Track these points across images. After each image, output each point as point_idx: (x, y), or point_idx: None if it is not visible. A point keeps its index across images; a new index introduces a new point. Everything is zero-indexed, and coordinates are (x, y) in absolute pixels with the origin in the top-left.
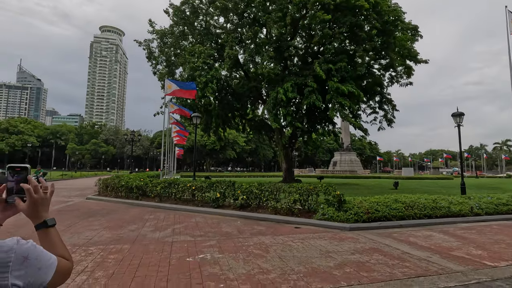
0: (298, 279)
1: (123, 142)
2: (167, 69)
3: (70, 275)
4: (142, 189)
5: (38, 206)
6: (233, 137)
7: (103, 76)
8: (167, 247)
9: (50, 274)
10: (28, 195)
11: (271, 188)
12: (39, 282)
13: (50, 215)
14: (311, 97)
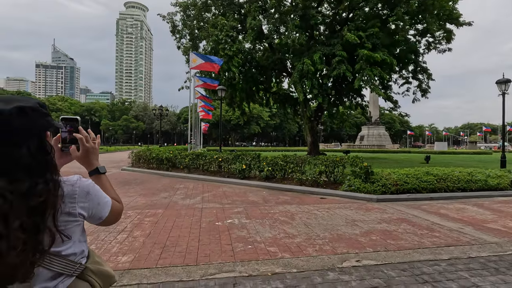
0: (323, 244)
1: (152, 118)
2: (191, 43)
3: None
4: (172, 161)
5: (90, 154)
6: (257, 112)
7: (130, 54)
8: (197, 212)
9: (106, 210)
10: (81, 144)
11: (296, 160)
12: (98, 216)
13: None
14: (340, 68)
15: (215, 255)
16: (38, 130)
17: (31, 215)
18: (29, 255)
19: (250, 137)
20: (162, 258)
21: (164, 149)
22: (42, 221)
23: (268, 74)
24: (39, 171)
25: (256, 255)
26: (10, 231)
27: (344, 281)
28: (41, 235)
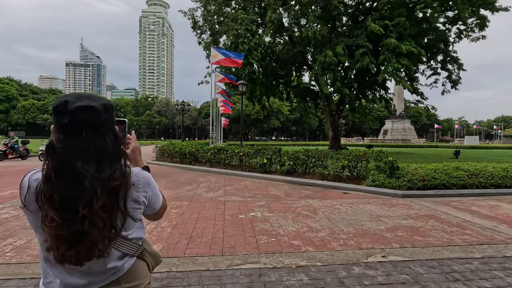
0: (348, 239)
1: (174, 113)
2: (211, 38)
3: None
4: (194, 155)
5: (136, 153)
6: (277, 106)
7: (152, 50)
8: (220, 205)
9: (159, 203)
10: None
11: (318, 154)
12: (153, 207)
13: None
14: (363, 60)
15: (239, 247)
16: (113, 124)
17: (109, 197)
18: (107, 233)
19: (269, 132)
20: (189, 248)
21: (186, 144)
22: (116, 203)
23: (288, 68)
24: (116, 159)
25: (280, 248)
26: (94, 211)
27: (370, 276)
28: (116, 215)
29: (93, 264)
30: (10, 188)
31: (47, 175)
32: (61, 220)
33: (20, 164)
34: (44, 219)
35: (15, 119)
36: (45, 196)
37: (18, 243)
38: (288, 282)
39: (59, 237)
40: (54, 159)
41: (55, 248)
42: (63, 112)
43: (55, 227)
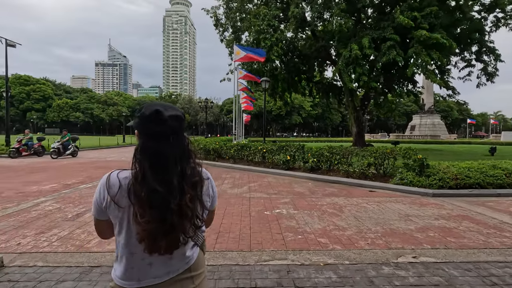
0: (376, 238)
1: (197, 110)
2: (233, 35)
3: None
4: (218, 152)
5: None
6: (299, 102)
7: (175, 49)
8: (245, 201)
9: (216, 202)
10: None
11: (343, 151)
12: (214, 204)
13: None
14: (390, 53)
15: (267, 243)
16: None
17: (193, 191)
18: (194, 221)
19: (291, 128)
20: (218, 243)
21: (210, 140)
22: (196, 195)
23: (310, 63)
24: (190, 158)
25: (307, 245)
26: (184, 203)
27: (400, 277)
28: (198, 206)
29: (175, 254)
30: (50, 183)
31: (138, 175)
32: (151, 215)
33: (46, 160)
34: (135, 215)
35: (50, 117)
36: (135, 194)
37: (62, 234)
38: (317, 280)
39: (151, 230)
40: (145, 161)
41: (147, 240)
42: (156, 120)
43: (146, 222)
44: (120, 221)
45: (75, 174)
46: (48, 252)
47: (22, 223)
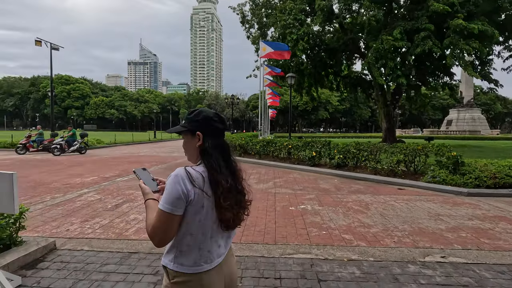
0: (402, 236)
1: (223, 106)
2: (259, 32)
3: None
4: (244, 147)
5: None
6: (325, 97)
7: (202, 46)
8: (271, 197)
9: None
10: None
11: (371, 148)
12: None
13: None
14: (425, 44)
15: (291, 237)
16: None
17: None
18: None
19: (317, 123)
20: (244, 235)
21: (236, 136)
22: (241, 186)
23: (338, 57)
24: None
25: (331, 241)
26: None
27: (427, 275)
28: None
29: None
30: (90, 176)
31: (217, 167)
32: (232, 199)
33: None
34: (218, 200)
35: (88, 114)
36: (218, 183)
37: (103, 222)
38: (340, 274)
39: (232, 211)
40: (219, 155)
41: (230, 220)
42: (221, 120)
43: (229, 205)
44: (203, 210)
45: (111, 168)
46: (92, 238)
47: (69, 212)
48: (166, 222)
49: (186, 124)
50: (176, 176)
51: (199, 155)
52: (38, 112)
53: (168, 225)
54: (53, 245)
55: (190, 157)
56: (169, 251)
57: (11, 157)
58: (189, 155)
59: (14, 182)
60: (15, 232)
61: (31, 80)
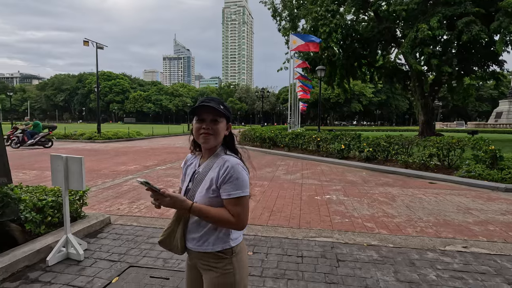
0: (426, 227)
1: (253, 99)
2: (290, 24)
3: None
4: (273, 140)
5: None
6: (359, 89)
7: (234, 39)
8: (297, 187)
9: None
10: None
11: (402, 141)
12: None
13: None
14: (471, 30)
15: (314, 223)
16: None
17: None
18: None
19: (350, 116)
20: (271, 219)
21: (266, 129)
22: None
23: (372, 47)
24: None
25: (353, 228)
26: None
27: (444, 262)
28: None
29: None
30: (133, 164)
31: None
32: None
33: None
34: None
35: (128, 108)
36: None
37: (147, 204)
38: (358, 256)
39: None
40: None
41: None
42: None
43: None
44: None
45: (151, 158)
46: (139, 216)
47: (118, 194)
48: (248, 205)
49: (225, 111)
50: (238, 165)
51: (220, 142)
52: (84, 106)
53: (248, 207)
54: (108, 220)
55: (215, 142)
56: (225, 233)
57: (67, 146)
58: (216, 140)
59: (82, 164)
60: (80, 207)
61: (78, 77)
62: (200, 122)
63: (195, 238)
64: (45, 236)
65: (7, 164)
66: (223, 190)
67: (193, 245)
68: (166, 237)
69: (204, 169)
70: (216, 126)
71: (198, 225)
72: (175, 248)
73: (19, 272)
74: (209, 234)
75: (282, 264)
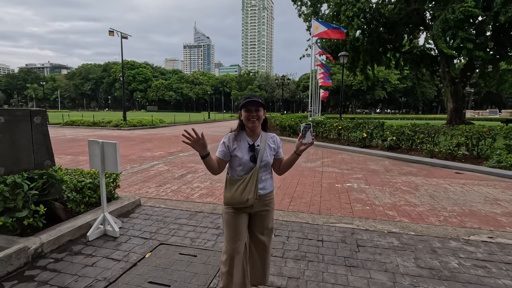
0: (450, 216)
1: (273, 86)
2: (311, 9)
3: None
4: (293, 128)
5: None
6: (383, 75)
7: (253, 26)
8: (318, 174)
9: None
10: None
11: (428, 130)
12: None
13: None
14: (508, 10)
15: (335, 210)
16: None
17: None
18: None
19: (373, 104)
20: (292, 205)
21: (286, 117)
22: None
23: (399, 31)
24: None
25: (374, 215)
26: None
27: (467, 251)
28: None
29: None
30: (158, 151)
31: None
32: None
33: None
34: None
35: (150, 96)
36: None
37: (173, 188)
38: (379, 242)
39: None
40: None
41: None
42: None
43: None
44: None
45: (174, 144)
46: (166, 199)
47: (145, 178)
48: None
49: (263, 102)
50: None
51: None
52: (110, 95)
53: None
54: (138, 202)
55: (259, 124)
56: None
57: (96, 133)
58: (260, 123)
59: (116, 149)
60: (114, 189)
61: (103, 66)
62: (249, 112)
63: (265, 186)
64: (85, 214)
65: (50, 148)
66: (279, 152)
67: (262, 191)
68: (238, 194)
69: (262, 142)
70: (259, 113)
71: (265, 175)
72: (245, 199)
73: (64, 245)
74: (269, 181)
75: (303, 247)
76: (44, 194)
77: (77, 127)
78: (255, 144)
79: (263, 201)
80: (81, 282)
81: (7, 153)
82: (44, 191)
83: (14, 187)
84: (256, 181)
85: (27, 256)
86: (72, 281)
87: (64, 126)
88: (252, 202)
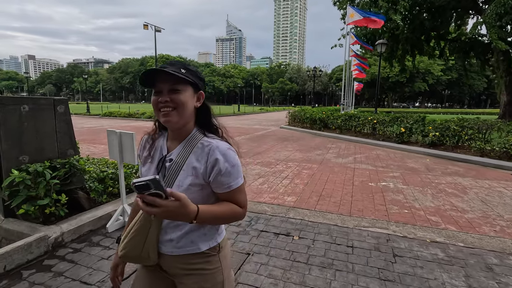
0: (507, 226)
1: (305, 79)
2: None
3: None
4: (324, 121)
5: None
6: (425, 66)
7: (286, 17)
8: (349, 171)
9: None
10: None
11: (479, 125)
12: None
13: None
14: None
15: (368, 211)
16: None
17: None
18: None
19: (412, 97)
20: (319, 204)
21: (317, 110)
22: None
23: (445, 17)
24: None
25: (413, 220)
26: None
27: None
28: None
29: None
30: None
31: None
32: None
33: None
34: None
35: None
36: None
37: None
38: (419, 253)
39: None
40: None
41: None
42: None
43: None
44: None
45: None
46: None
47: None
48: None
49: (188, 75)
50: (233, 151)
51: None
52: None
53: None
54: None
55: (179, 118)
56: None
57: (129, 124)
58: (181, 115)
59: (133, 139)
60: None
61: (141, 60)
62: (157, 95)
63: (173, 240)
64: (107, 204)
65: (73, 137)
66: (219, 184)
67: (170, 249)
68: (130, 249)
69: (179, 157)
70: (177, 96)
71: (178, 223)
72: (145, 259)
73: (84, 235)
74: (193, 231)
75: (330, 253)
76: (66, 184)
77: (114, 118)
78: (167, 156)
79: (178, 264)
80: (95, 276)
81: (32, 141)
82: (66, 180)
83: (36, 175)
84: (155, 230)
85: (47, 244)
86: (86, 275)
87: (103, 117)
88: (151, 262)
